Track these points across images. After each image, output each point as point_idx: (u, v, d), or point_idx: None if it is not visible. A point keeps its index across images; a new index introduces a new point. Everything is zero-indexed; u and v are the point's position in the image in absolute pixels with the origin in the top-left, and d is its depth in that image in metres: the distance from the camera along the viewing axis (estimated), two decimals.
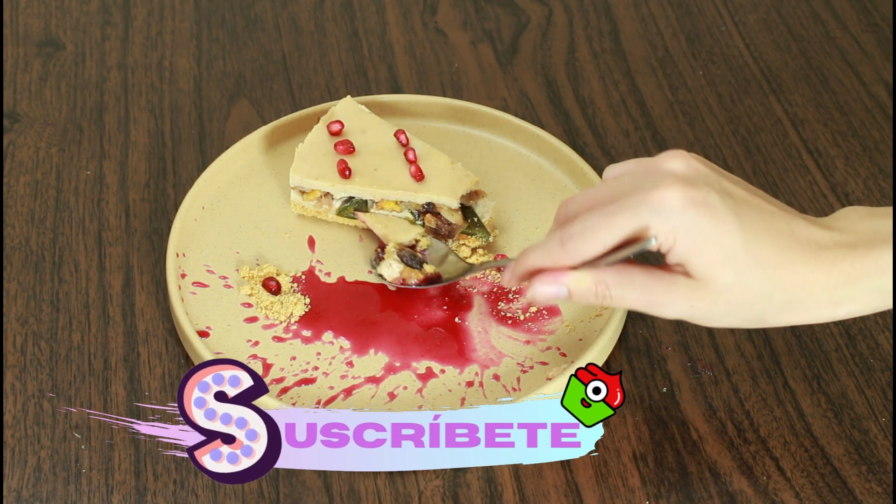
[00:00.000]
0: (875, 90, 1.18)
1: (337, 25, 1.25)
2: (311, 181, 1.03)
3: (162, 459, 0.92)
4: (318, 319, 0.99)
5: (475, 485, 0.90)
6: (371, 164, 1.04)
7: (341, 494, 0.90)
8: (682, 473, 0.91)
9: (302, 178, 1.03)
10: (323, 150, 1.04)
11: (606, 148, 1.13)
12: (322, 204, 1.04)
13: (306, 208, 1.05)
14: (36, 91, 1.18)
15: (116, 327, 1.00)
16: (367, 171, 1.03)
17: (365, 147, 1.04)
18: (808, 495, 0.90)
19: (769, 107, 1.17)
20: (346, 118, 1.06)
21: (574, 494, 0.90)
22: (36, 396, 0.95)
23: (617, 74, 1.19)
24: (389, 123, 1.07)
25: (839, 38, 1.23)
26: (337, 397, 0.94)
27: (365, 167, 1.03)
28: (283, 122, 1.11)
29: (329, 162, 1.03)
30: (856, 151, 1.13)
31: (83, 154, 1.12)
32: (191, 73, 1.20)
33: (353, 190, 1.03)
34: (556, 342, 0.97)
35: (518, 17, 1.26)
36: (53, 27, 1.24)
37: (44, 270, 1.03)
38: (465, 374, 0.95)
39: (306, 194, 1.04)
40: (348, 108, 1.07)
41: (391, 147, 1.04)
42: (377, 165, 1.03)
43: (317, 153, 1.04)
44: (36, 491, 0.90)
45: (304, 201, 1.05)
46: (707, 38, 1.23)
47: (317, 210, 1.05)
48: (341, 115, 1.06)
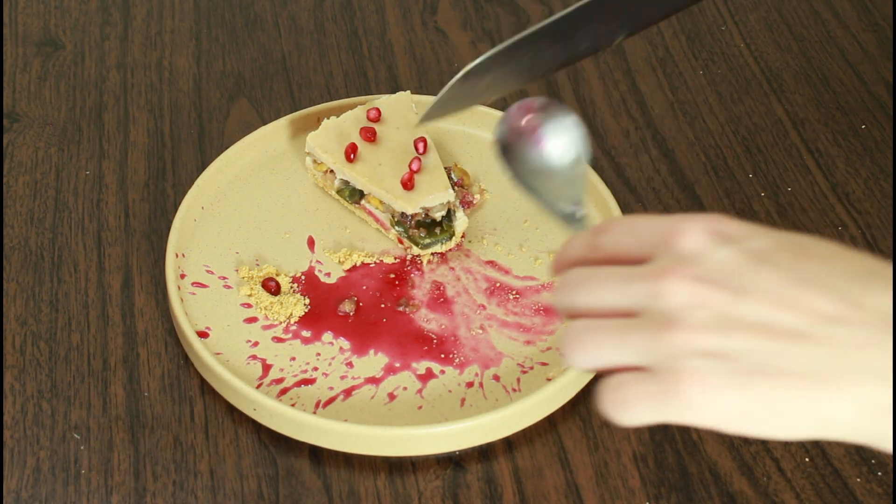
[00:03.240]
0: (875, 90, 1.17)
1: (337, 25, 1.25)
2: (320, 152, 1.05)
3: (161, 460, 0.92)
4: (317, 320, 0.99)
5: (475, 485, 0.90)
6: (380, 158, 1.04)
7: (341, 495, 0.90)
8: (683, 474, 0.91)
9: (314, 145, 1.05)
10: (348, 129, 1.06)
11: (606, 148, 1.13)
12: (327, 178, 1.07)
13: (316, 177, 1.07)
14: (35, 91, 1.18)
15: (115, 328, 1.00)
16: (372, 163, 1.04)
17: (387, 142, 1.05)
18: (809, 496, 0.89)
19: (769, 107, 1.16)
20: (389, 110, 1.07)
21: (574, 495, 0.90)
22: (35, 397, 0.95)
23: (617, 74, 1.19)
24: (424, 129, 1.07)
25: (840, 38, 1.23)
26: (336, 398, 0.94)
27: (372, 159, 1.04)
28: (283, 122, 1.11)
29: (346, 142, 1.05)
30: (856, 151, 1.12)
31: (82, 154, 1.12)
32: (190, 72, 1.20)
33: (349, 175, 1.04)
34: (557, 342, 0.97)
35: (518, 17, 1.26)
36: (52, 27, 1.24)
37: (43, 271, 1.03)
38: (465, 375, 0.95)
39: (317, 164, 1.07)
40: (397, 102, 1.08)
41: (408, 150, 1.04)
42: (383, 162, 1.04)
43: (340, 129, 1.06)
44: (35, 492, 0.90)
45: (315, 169, 1.07)
46: (707, 37, 1.23)
47: (323, 182, 1.07)
48: (385, 106, 1.07)
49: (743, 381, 0.55)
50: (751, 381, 0.55)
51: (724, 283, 0.57)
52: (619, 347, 0.58)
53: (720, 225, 0.59)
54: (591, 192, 1.06)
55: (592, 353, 0.59)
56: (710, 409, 0.56)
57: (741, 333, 0.56)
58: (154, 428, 0.94)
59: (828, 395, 0.54)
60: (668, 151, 1.13)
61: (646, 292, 0.58)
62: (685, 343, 0.56)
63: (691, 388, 0.56)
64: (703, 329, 0.56)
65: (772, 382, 0.55)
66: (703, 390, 0.55)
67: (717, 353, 0.56)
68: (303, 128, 1.11)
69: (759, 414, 0.56)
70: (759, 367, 0.55)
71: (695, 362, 0.56)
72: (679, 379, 0.56)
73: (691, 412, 0.56)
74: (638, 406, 0.57)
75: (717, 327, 0.56)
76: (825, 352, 0.55)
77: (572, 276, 0.61)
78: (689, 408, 0.56)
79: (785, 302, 0.56)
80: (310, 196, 1.08)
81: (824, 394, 0.54)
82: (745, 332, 0.56)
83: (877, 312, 0.55)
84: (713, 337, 0.56)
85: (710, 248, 0.58)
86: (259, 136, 1.10)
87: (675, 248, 0.59)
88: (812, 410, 0.55)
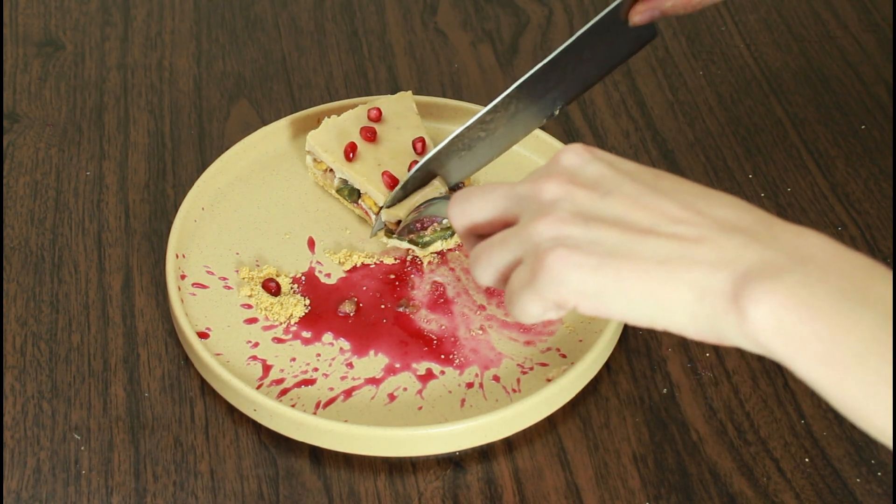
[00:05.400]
0: (875, 90, 1.18)
1: (337, 26, 1.25)
2: (320, 151, 1.05)
3: (161, 461, 0.92)
4: (317, 320, 0.99)
5: (475, 486, 0.90)
6: (379, 158, 1.04)
7: (341, 496, 0.90)
8: (683, 475, 0.91)
9: (315, 144, 1.05)
10: (348, 129, 1.06)
11: (607, 148, 1.13)
12: (327, 177, 1.07)
13: (316, 175, 1.07)
14: (35, 91, 1.18)
15: (116, 328, 1.00)
16: (371, 163, 1.04)
17: (387, 142, 1.05)
18: (809, 496, 0.89)
19: (769, 107, 1.16)
20: (389, 110, 1.07)
21: (574, 496, 0.90)
22: (35, 398, 0.95)
23: (617, 74, 1.19)
24: (426, 129, 1.07)
25: (839, 38, 1.23)
26: (337, 398, 0.94)
27: (372, 159, 1.04)
28: (283, 122, 1.11)
29: (346, 141, 1.05)
30: (856, 151, 1.12)
31: (83, 155, 1.12)
32: (190, 73, 1.20)
33: (347, 174, 1.04)
34: (556, 343, 0.97)
35: (518, 18, 1.26)
36: (53, 27, 1.24)
37: (43, 271, 1.03)
38: (465, 376, 0.95)
39: (317, 162, 1.07)
40: (398, 102, 1.08)
41: (408, 150, 1.04)
42: (382, 162, 1.04)
43: (341, 128, 1.06)
44: (35, 492, 0.90)
45: (315, 167, 1.07)
46: (707, 38, 1.23)
47: (322, 181, 1.07)
48: (386, 106, 1.07)
49: (599, 261, 0.65)
50: (605, 262, 0.65)
51: (591, 186, 0.68)
52: (502, 248, 0.68)
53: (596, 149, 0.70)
54: None
55: (487, 262, 0.69)
56: (569, 284, 0.65)
57: (601, 225, 0.66)
58: (154, 428, 0.94)
59: (667, 278, 0.64)
60: (668, 152, 1.13)
61: (527, 195, 0.69)
62: (551, 229, 0.66)
63: (554, 263, 0.65)
64: (568, 219, 0.66)
65: (621, 265, 0.64)
66: (564, 265, 0.65)
67: (578, 238, 0.65)
68: (303, 129, 1.11)
69: (610, 293, 0.65)
70: (613, 251, 0.65)
71: (559, 244, 0.66)
72: (543, 256, 0.65)
73: (554, 286, 0.65)
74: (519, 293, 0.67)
75: (581, 218, 0.66)
76: (669, 244, 0.64)
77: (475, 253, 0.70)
78: (552, 281, 0.65)
79: (640, 205, 0.66)
80: (310, 197, 1.08)
81: (665, 276, 0.64)
82: (604, 224, 0.66)
83: (712, 218, 0.65)
84: (576, 226, 0.66)
85: (585, 162, 0.69)
86: (259, 136, 1.10)
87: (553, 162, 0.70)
88: (655, 292, 0.64)
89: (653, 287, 0.64)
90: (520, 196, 0.69)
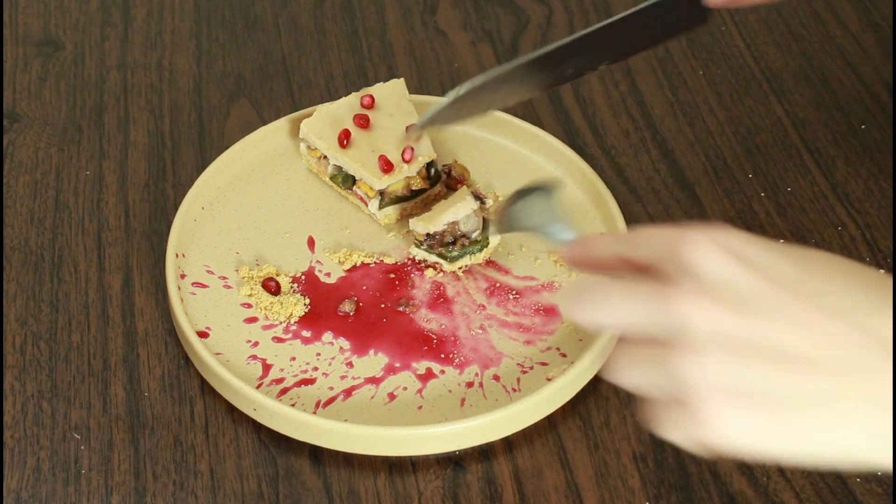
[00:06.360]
0: (875, 90, 1.18)
1: (337, 25, 1.25)
2: (314, 138, 1.06)
3: (161, 460, 0.92)
4: (317, 320, 0.99)
5: (475, 485, 0.90)
6: (372, 145, 1.04)
7: (341, 495, 0.90)
8: (683, 474, 0.91)
9: (308, 131, 1.06)
10: (342, 116, 1.06)
11: (606, 148, 1.13)
12: (321, 165, 1.07)
13: (310, 163, 1.08)
14: (35, 91, 1.18)
15: (116, 328, 1.00)
16: (365, 149, 1.04)
17: (381, 129, 1.06)
18: (809, 496, 0.89)
19: (769, 107, 1.16)
20: (383, 97, 1.08)
21: (574, 495, 0.90)
22: (35, 397, 0.95)
23: (617, 74, 1.19)
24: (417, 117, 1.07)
25: (839, 38, 1.23)
26: (336, 398, 0.94)
27: (365, 145, 1.04)
28: (283, 122, 1.11)
29: (340, 128, 1.05)
30: (856, 151, 1.12)
31: (82, 154, 1.12)
32: (190, 73, 1.20)
33: (341, 160, 1.05)
34: (556, 342, 0.97)
35: (518, 17, 1.26)
36: (53, 27, 1.24)
37: (43, 271, 1.03)
38: (465, 375, 0.95)
39: (311, 150, 1.07)
40: (391, 90, 1.09)
41: (401, 136, 1.05)
42: (376, 148, 1.04)
43: (335, 116, 1.07)
44: (35, 492, 0.90)
45: (309, 155, 1.08)
46: (707, 37, 1.23)
47: (317, 169, 1.08)
48: (379, 94, 1.08)
49: (762, 417, 0.59)
50: (768, 418, 0.59)
51: (740, 307, 0.60)
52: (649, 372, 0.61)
53: (728, 240, 0.62)
54: (592, 193, 1.06)
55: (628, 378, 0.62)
56: (730, 440, 0.59)
57: (756, 361, 0.59)
58: (154, 428, 0.94)
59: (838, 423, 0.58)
60: (668, 152, 1.13)
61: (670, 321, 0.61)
62: (705, 373, 0.59)
63: (714, 419, 0.59)
64: (722, 359, 0.59)
65: (786, 417, 0.59)
66: (724, 424, 0.59)
67: (736, 385, 0.59)
68: None
69: (777, 451, 0.59)
70: (774, 397, 0.59)
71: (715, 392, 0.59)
72: (702, 407, 0.59)
73: (713, 438, 0.60)
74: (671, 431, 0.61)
75: (736, 357, 0.59)
76: (833, 381, 0.58)
77: (588, 290, 0.63)
78: (710, 433, 0.59)
79: (793, 324, 0.59)
80: (310, 196, 1.08)
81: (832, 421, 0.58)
82: (757, 359, 0.59)
83: (878, 337, 0.58)
84: (731, 366, 0.59)
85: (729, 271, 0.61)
86: (259, 136, 1.10)
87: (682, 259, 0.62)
88: (821, 438, 0.59)
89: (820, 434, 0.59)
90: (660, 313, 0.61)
